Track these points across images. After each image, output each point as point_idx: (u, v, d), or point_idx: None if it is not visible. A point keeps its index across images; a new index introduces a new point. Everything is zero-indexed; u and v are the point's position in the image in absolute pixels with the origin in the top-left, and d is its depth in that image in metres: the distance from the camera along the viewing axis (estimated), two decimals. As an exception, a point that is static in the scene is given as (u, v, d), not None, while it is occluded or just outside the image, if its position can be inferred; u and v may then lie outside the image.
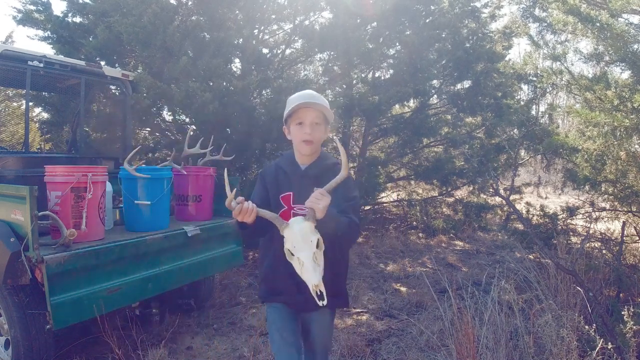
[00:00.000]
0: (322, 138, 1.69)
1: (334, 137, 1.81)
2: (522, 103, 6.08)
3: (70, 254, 2.32)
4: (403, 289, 4.46)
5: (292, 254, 1.40)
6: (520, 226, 4.68)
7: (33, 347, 2.39)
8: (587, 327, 2.26)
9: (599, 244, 4.05)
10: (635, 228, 3.91)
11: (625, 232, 3.51)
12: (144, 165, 3.26)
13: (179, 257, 3.06)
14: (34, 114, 7.45)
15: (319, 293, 1.35)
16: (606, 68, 3.48)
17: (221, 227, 3.44)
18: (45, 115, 6.99)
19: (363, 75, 6.83)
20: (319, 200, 1.42)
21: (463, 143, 6.56)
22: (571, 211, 4.17)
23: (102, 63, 5.00)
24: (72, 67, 3.60)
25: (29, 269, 2.23)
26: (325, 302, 1.36)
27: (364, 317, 3.69)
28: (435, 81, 6.77)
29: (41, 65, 3.34)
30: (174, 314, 3.51)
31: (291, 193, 1.67)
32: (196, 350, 3.07)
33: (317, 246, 1.39)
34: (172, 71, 4.78)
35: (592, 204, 4.07)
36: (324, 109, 1.63)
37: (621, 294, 3.18)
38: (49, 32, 5.81)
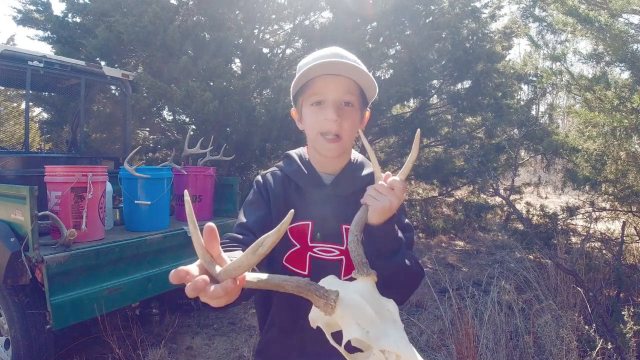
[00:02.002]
0: (357, 130, 1.01)
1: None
2: (522, 103, 6.09)
3: (70, 254, 2.33)
4: (403, 289, 4.45)
5: (368, 344, 0.60)
6: (520, 226, 4.68)
7: (33, 347, 2.39)
8: (587, 327, 2.26)
9: (599, 244, 4.05)
10: (635, 228, 3.91)
11: (625, 232, 3.52)
12: (144, 165, 3.27)
13: (179, 257, 3.06)
14: (34, 114, 7.46)
15: None
16: (606, 68, 3.49)
17: (221, 227, 3.43)
18: (45, 115, 7.01)
19: (363, 75, 6.82)
20: (385, 195, 0.78)
21: (463, 143, 6.56)
22: (571, 211, 4.18)
23: (102, 63, 5.00)
24: (72, 67, 3.61)
25: (29, 269, 2.23)
26: None
27: (364, 317, 3.69)
28: (435, 81, 6.76)
29: (41, 65, 3.34)
30: (174, 314, 3.51)
31: (309, 222, 1.00)
32: (196, 350, 3.07)
33: None
34: (172, 71, 4.78)
35: (592, 204, 4.07)
36: (361, 75, 0.94)
37: (621, 294, 3.18)
38: (49, 32, 5.82)
